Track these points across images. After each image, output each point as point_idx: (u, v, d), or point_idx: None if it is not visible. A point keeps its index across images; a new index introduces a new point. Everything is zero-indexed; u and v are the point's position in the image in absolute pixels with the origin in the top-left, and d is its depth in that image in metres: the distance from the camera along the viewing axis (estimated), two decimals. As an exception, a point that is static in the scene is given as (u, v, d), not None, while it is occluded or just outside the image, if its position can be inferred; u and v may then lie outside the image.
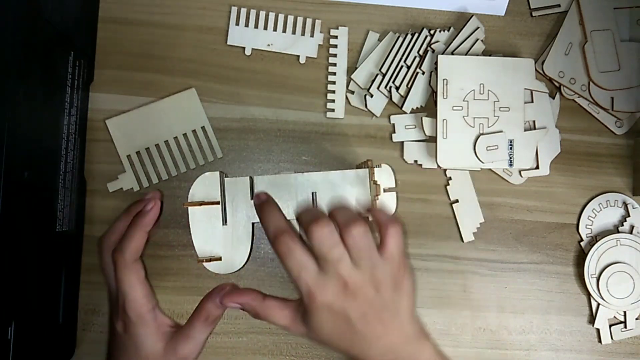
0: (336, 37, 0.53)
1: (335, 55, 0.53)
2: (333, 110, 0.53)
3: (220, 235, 0.43)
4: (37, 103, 0.41)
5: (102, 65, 0.52)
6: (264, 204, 0.40)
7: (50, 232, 0.45)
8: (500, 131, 0.50)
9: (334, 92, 0.53)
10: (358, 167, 0.48)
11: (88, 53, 0.51)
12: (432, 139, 0.53)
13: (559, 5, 0.54)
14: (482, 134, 0.50)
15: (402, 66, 0.52)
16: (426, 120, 0.52)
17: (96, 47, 0.52)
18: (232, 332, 0.52)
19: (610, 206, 0.54)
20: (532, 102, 0.52)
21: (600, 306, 0.53)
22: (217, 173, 0.43)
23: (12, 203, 0.37)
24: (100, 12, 0.52)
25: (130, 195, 0.51)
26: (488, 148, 0.50)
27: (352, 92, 0.53)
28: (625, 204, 0.54)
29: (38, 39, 0.41)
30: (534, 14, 0.54)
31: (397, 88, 0.52)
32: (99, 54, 0.52)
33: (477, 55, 0.52)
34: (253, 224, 0.44)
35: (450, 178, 0.53)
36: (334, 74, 0.53)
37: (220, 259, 0.43)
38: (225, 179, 0.44)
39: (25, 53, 0.39)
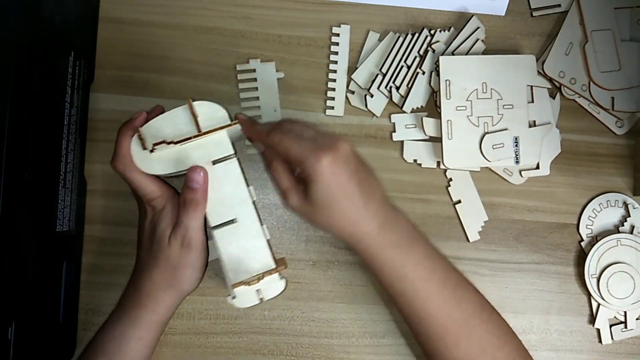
0: (338, 34, 0.53)
1: (336, 53, 0.53)
2: (333, 108, 0.53)
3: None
4: (37, 103, 0.41)
5: (102, 65, 0.52)
6: (245, 122, 0.43)
7: (50, 232, 0.45)
8: (505, 129, 0.50)
9: (334, 89, 0.53)
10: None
11: (88, 53, 0.51)
12: (432, 139, 0.53)
13: (559, 5, 0.54)
14: (487, 133, 0.50)
15: (402, 66, 0.52)
16: (427, 121, 0.52)
17: (96, 47, 0.52)
18: (232, 332, 0.52)
19: (611, 206, 0.54)
20: (533, 102, 0.52)
21: (601, 306, 0.53)
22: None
23: (12, 203, 0.37)
24: (100, 12, 0.52)
25: (131, 195, 0.51)
26: (494, 146, 0.50)
27: (353, 92, 0.53)
28: (625, 204, 0.54)
29: (38, 39, 0.41)
30: (534, 13, 0.54)
31: (398, 88, 0.52)
32: (99, 54, 0.52)
33: (478, 54, 0.52)
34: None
35: (450, 179, 0.53)
36: (335, 71, 0.53)
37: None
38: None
39: (25, 53, 0.39)
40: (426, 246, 0.43)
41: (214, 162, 0.43)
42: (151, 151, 0.42)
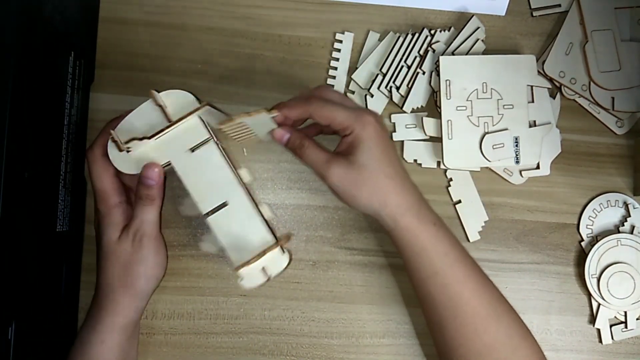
0: (341, 41, 0.53)
1: (337, 59, 0.53)
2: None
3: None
4: (37, 103, 0.41)
5: (102, 65, 0.52)
6: (278, 108, 0.42)
7: (50, 232, 0.45)
8: (506, 129, 0.50)
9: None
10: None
11: (88, 53, 0.51)
12: (432, 139, 0.53)
13: (559, 5, 0.54)
14: (488, 133, 0.50)
15: (402, 66, 0.52)
16: (427, 121, 0.52)
17: (96, 47, 0.52)
18: (232, 332, 0.52)
19: (611, 206, 0.54)
20: (533, 102, 0.52)
21: (601, 306, 0.53)
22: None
23: (12, 203, 0.37)
24: (101, 12, 0.52)
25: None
26: (494, 146, 0.50)
27: (353, 92, 0.53)
28: (625, 204, 0.54)
29: (38, 39, 0.41)
30: (534, 13, 0.54)
31: (398, 88, 0.52)
32: (99, 54, 0.52)
33: (478, 54, 0.52)
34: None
35: (451, 179, 0.53)
36: (334, 77, 0.53)
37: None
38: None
39: (25, 53, 0.39)
40: (446, 226, 0.43)
41: (192, 150, 0.42)
42: (128, 151, 0.42)
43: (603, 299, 0.52)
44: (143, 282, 0.43)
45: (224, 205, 0.42)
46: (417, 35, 0.52)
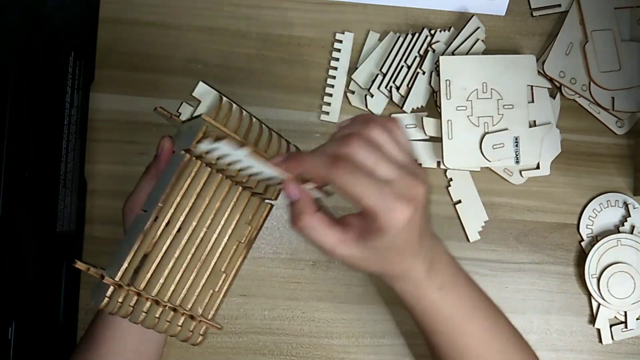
0: (341, 41, 0.53)
1: (337, 59, 0.53)
2: (327, 113, 0.52)
3: None
4: (37, 103, 0.41)
5: (102, 65, 0.52)
6: (288, 159, 0.34)
7: (50, 232, 0.45)
8: (506, 129, 0.50)
9: (330, 95, 0.53)
10: None
11: (88, 53, 0.51)
12: (432, 139, 0.53)
13: (559, 5, 0.54)
14: (488, 133, 0.50)
15: (402, 66, 0.52)
16: (427, 121, 0.52)
17: (96, 47, 0.52)
18: (232, 332, 0.52)
19: (611, 206, 0.54)
20: (533, 101, 0.52)
21: (601, 306, 0.52)
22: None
23: (13, 203, 0.37)
24: (101, 12, 0.52)
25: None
26: (494, 146, 0.50)
27: (353, 92, 0.53)
28: (625, 204, 0.54)
29: (38, 39, 0.41)
30: (534, 13, 0.54)
31: (398, 88, 0.52)
32: (99, 54, 0.52)
33: (478, 54, 0.52)
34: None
35: (451, 179, 0.53)
36: (334, 77, 0.53)
37: None
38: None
39: (26, 53, 0.39)
40: (469, 283, 0.41)
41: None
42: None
43: (603, 299, 0.52)
44: None
45: None
46: (417, 35, 0.52)
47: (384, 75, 0.52)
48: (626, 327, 0.53)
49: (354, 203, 0.32)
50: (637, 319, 0.53)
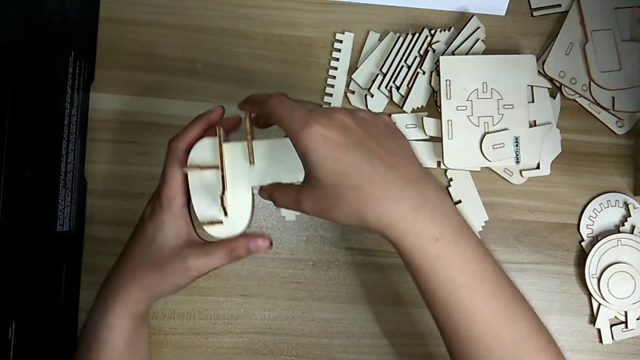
0: (341, 41, 0.53)
1: (337, 59, 0.53)
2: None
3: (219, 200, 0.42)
4: (37, 103, 0.41)
5: (102, 65, 0.52)
6: (242, 104, 0.40)
7: (50, 232, 0.45)
8: (506, 129, 0.50)
9: (330, 95, 0.53)
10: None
11: (88, 53, 0.51)
12: (432, 139, 0.53)
13: (559, 5, 0.54)
14: (488, 133, 0.50)
15: (402, 66, 0.52)
16: (427, 121, 0.52)
17: (96, 47, 0.52)
18: (232, 332, 0.52)
19: (611, 206, 0.54)
20: (533, 101, 0.52)
21: (601, 306, 0.52)
22: (216, 139, 0.41)
23: (12, 203, 0.37)
24: (101, 12, 0.52)
25: (131, 195, 0.51)
26: (494, 146, 0.50)
27: (353, 92, 0.53)
28: (626, 204, 0.54)
29: (38, 39, 0.41)
30: (534, 13, 0.54)
31: (398, 88, 0.52)
32: (99, 54, 0.52)
33: (478, 54, 0.52)
34: (252, 187, 0.43)
35: (451, 179, 0.53)
36: (334, 77, 0.53)
37: (221, 222, 0.42)
38: (224, 143, 0.41)
39: (26, 53, 0.39)
40: (476, 244, 0.34)
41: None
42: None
43: (603, 299, 0.52)
44: (163, 293, 0.41)
45: None
46: (417, 35, 0.52)
47: (384, 75, 0.52)
48: (626, 327, 0.53)
49: (278, 125, 0.35)
50: (638, 319, 0.53)
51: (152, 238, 0.40)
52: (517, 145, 0.51)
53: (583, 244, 0.54)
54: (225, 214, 0.40)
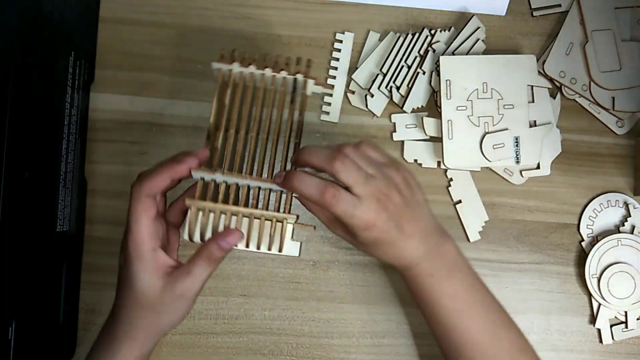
0: (341, 41, 0.53)
1: (337, 59, 0.53)
2: (328, 113, 0.53)
3: None
4: (37, 103, 0.41)
5: (102, 65, 0.52)
6: (286, 179, 0.41)
7: (51, 232, 0.45)
8: (506, 129, 0.50)
9: (331, 95, 0.53)
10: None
11: (88, 53, 0.51)
12: (432, 139, 0.53)
13: (559, 5, 0.54)
14: (488, 133, 0.50)
15: (402, 66, 0.52)
16: (427, 121, 0.52)
17: (96, 47, 0.52)
18: (232, 332, 0.52)
19: (611, 206, 0.54)
20: (533, 101, 0.52)
21: (601, 306, 0.52)
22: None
23: (12, 203, 0.37)
24: (101, 12, 0.52)
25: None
26: (494, 146, 0.50)
27: (353, 92, 0.53)
28: (626, 204, 0.54)
29: (38, 39, 0.41)
30: (534, 13, 0.54)
31: (398, 88, 0.52)
32: (100, 54, 0.52)
33: (478, 54, 0.52)
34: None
35: (451, 179, 0.53)
36: (334, 77, 0.53)
37: None
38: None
39: (26, 53, 0.39)
40: (467, 277, 0.43)
41: None
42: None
43: (603, 299, 0.52)
44: (166, 327, 0.42)
45: None
46: (417, 35, 0.52)
47: (384, 75, 0.52)
48: (626, 327, 0.53)
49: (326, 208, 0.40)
50: (638, 319, 0.53)
51: (133, 287, 0.41)
52: (517, 145, 0.51)
53: (583, 244, 0.54)
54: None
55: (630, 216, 0.53)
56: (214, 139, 0.42)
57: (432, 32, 0.52)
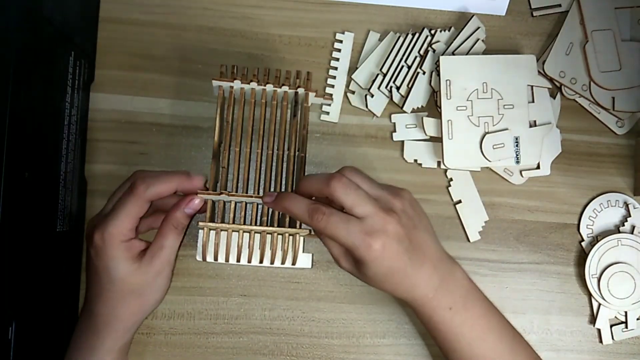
0: (341, 41, 0.53)
1: (337, 59, 0.53)
2: (328, 113, 0.53)
3: None
4: (37, 103, 0.41)
5: (102, 65, 0.52)
6: (276, 201, 0.41)
7: (51, 232, 0.45)
8: (506, 129, 0.50)
9: (331, 95, 0.53)
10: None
11: (88, 53, 0.51)
12: (432, 139, 0.53)
13: (559, 5, 0.54)
14: (488, 133, 0.50)
15: (402, 66, 0.52)
16: (427, 121, 0.52)
17: (96, 47, 0.52)
18: (232, 332, 0.52)
19: (611, 206, 0.54)
20: (533, 101, 0.52)
21: (601, 306, 0.52)
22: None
23: (13, 203, 0.37)
24: (101, 12, 0.52)
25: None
26: (494, 146, 0.50)
27: (353, 92, 0.53)
28: (626, 204, 0.54)
29: (38, 39, 0.41)
30: (534, 13, 0.54)
31: (398, 88, 0.52)
32: (100, 54, 0.52)
33: (478, 54, 0.52)
34: None
35: (451, 179, 0.53)
36: (334, 77, 0.53)
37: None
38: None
39: (26, 53, 0.39)
40: (482, 303, 0.43)
41: None
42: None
43: (603, 299, 0.52)
44: (150, 307, 0.43)
45: None
46: (417, 35, 0.52)
47: (384, 75, 0.52)
48: (627, 327, 0.53)
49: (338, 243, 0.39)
50: (638, 319, 0.53)
51: (110, 277, 0.41)
52: (517, 145, 0.51)
53: (583, 244, 0.54)
54: None
55: (630, 216, 0.53)
56: (221, 158, 0.42)
57: (432, 32, 0.52)
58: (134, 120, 0.52)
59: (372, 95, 0.52)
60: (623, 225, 0.53)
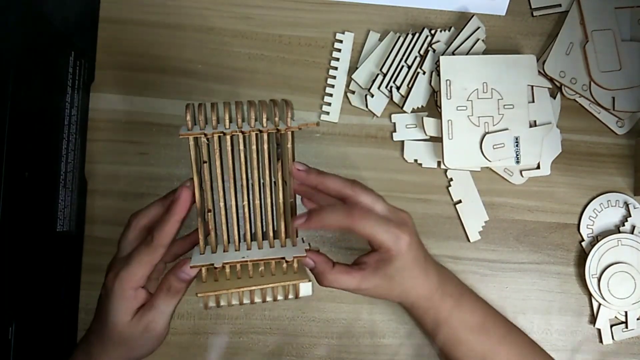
0: (341, 41, 0.53)
1: (337, 59, 0.53)
2: (328, 113, 0.53)
3: None
4: (37, 103, 0.41)
5: (102, 65, 0.52)
6: (309, 221, 0.40)
7: (51, 232, 0.45)
8: (506, 129, 0.50)
9: (331, 95, 0.53)
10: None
11: (89, 53, 0.51)
12: (432, 139, 0.53)
13: (559, 5, 0.54)
14: (488, 133, 0.50)
15: (402, 66, 0.52)
16: (427, 121, 0.52)
17: (97, 47, 0.52)
18: (232, 332, 0.52)
19: (612, 206, 0.54)
20: (533, 101, 0.52)
21: (601, 306, 0.52)
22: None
23: (13, 203, 0.37)
24: (101, 12, 0.52)
25: (131, 195, 0.51)
26: (494, 146, 0.50)
27: (353, 92, 0.53)
28: (626, 204, 0.54)
29: (38, 39, 0.41)
30: (534, 13, 0.54)
31: (398, 88, 0.52)
32: (100, 54, 0.52)
33: (478, 54, 0.52)
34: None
35: (451, 179, 0.53)
36: (334, 77, 0.53)
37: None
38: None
39: (26, 53, 0.39)
40: (473, 294, 0.45)
41: None
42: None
43: (603, 299, 0.52)
44: (138, 357, 0.43)
45: None
46: (417, 35, 0.52)
47: (384, 75, 0.52)
48: (627, 327, 0.53)
49: (369, 241, 0.41)
50: (638, 319, 0.53)
51: (107, 320, 0.41)
52: (517, 145, 0.51)
53: (583, 244, 0.54)
54: None
55: (630, 216, 0.53)
56: (207, 220, 0.39)
57: (432, 32, 0.52)
58: (134, 120, 0.52)
59: (372, 95, 0.52)
60: (623, 225, 0.53)
